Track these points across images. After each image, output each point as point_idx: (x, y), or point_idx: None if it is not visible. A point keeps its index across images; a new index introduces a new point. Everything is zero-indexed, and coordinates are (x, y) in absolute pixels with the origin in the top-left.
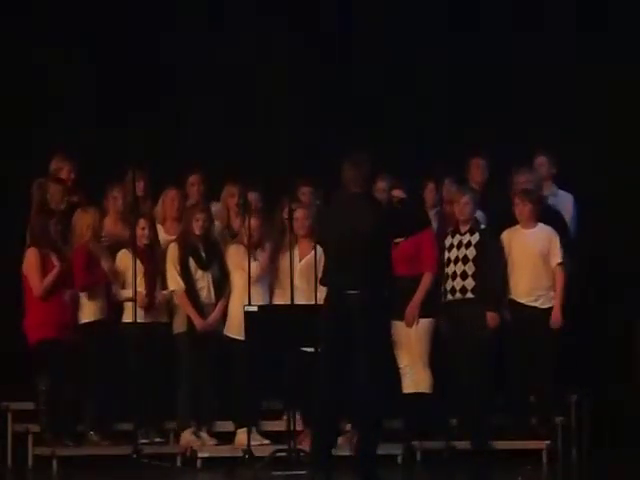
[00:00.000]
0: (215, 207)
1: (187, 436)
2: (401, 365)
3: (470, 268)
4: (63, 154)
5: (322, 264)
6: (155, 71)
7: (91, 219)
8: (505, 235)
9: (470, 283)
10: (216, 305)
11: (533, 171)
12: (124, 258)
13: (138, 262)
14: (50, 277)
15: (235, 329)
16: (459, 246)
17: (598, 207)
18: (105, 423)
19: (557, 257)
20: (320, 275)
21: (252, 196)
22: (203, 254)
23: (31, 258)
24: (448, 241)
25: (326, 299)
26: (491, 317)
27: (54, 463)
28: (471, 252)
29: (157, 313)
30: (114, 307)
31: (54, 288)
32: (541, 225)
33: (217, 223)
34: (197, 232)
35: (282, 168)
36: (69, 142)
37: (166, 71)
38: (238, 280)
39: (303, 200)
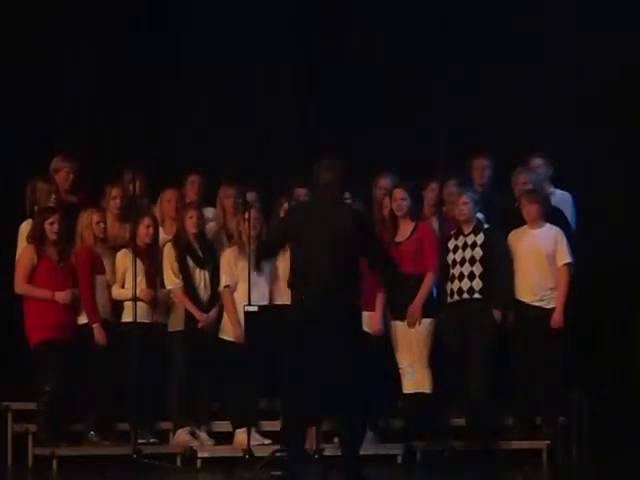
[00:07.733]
0: (208, 212)
1: (182, 435)
2: (401, 365)
3: (477, 269)
4: (63, 154)
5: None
6: (155, 70)
7: (90, 220)
8: (512, 235)
9: (478, 284)
10: (211, 302)
11: (532, 171)
12: (124, 258)
13: (138, 261)
14: (36, 293)
15: (231, 332)
16: (464, 247)
17: (598, 207)
18: (105, 423)
19: (564, 257)
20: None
21: (250, 196)
22: (200, 252)
23: (22, 255)
24: (452, 243)
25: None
26: (497, 315)
27: (54, 463)
28: (477, 253)
29: (157, 314)
30: (115, 307)
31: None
32: (548, 225)
33: (213, 224)
34: (192, 230)
35: (280, 168)
36: (68, 142)
37: (166, 70)
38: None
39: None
